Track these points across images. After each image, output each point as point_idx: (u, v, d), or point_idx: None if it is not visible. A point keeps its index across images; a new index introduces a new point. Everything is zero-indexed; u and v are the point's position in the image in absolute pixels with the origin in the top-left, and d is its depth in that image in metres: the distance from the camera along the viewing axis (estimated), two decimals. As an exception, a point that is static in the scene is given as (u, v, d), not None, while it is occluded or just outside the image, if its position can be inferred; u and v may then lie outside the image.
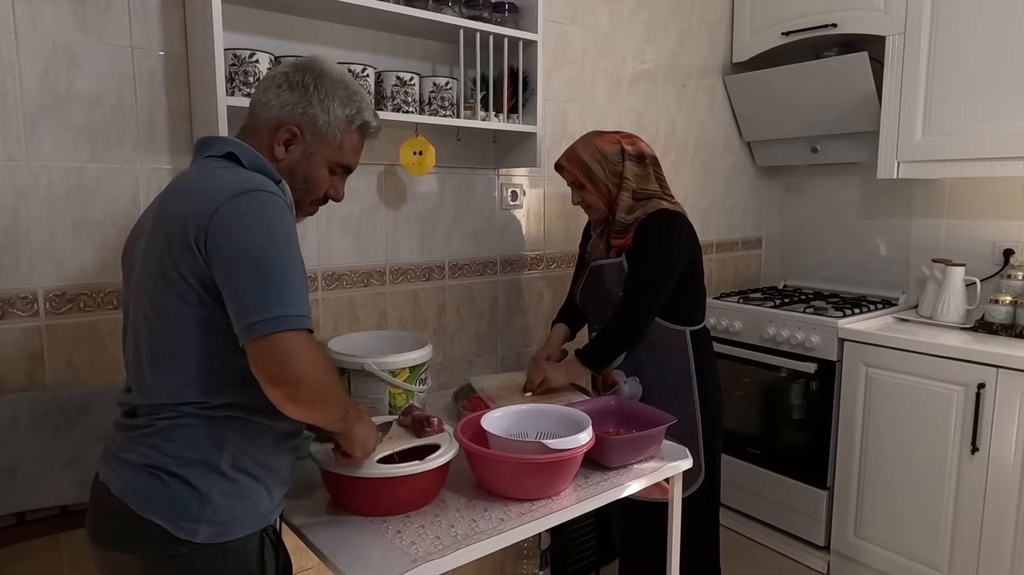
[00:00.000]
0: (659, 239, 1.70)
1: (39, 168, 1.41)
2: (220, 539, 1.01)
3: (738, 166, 2.98)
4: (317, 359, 0.96)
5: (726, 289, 2.93)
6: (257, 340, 0.93)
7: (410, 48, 1.88)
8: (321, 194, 1.18)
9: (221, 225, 0.95)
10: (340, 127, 1.13)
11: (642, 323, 1.72)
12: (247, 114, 1.15)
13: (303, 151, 1.12)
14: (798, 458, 2.45)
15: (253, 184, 1.00)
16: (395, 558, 1.09)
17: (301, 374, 0.93)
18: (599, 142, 1.74)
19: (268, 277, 0.94)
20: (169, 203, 1.04)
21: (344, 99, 1.13)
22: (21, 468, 1.36)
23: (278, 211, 0.99)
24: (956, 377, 2.02)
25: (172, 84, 1.53)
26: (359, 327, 1.90)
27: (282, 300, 0.93)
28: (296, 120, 1.10)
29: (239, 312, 0.94)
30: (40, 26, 1.38)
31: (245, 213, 0.96)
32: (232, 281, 0.95)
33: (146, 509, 0.99)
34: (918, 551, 2.15)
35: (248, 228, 0.96)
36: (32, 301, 1.42)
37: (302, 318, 0.95)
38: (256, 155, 1.08)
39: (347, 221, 1.85)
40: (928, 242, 2.60)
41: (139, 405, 1.04)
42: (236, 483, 1.03)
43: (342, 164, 1.17)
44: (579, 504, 1.31)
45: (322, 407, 1.00)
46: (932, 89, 2.23)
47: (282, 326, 0.93)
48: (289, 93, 1.10)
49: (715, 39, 2.78)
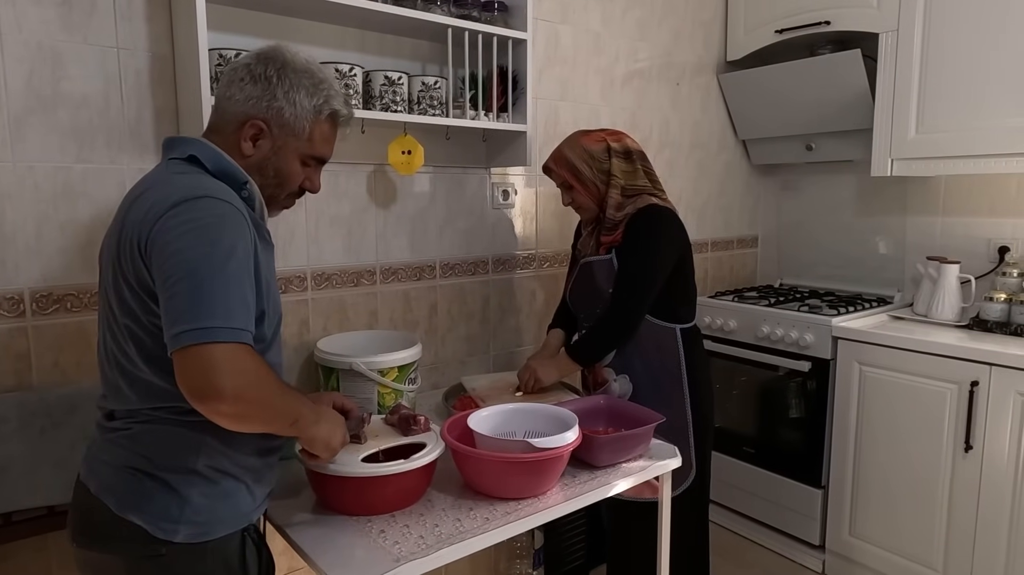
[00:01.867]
0: (648, 235, 1.69)
1: (25, 169, 1.41)
2: (200, 539, 1.01)
3: (733, 164, 2.98)
4: (246, 373, 0.91)
5: (722, 288, 2.92)
6: (180, 351, 0.89)
7: (399, 47, 1.88)
8: (295, 187, 1.14)
9: (160, 234, 0.93)
10: (308, 118, 1.09)
11: (632, 319, 1.71)
12: (212, 109, 1.12)
13: (271, 145, 1.08)
14: (793, 457, 2.44)
15: (201, 190, 0.97)
16: (378, 558, 1.09)
17: (222, 389, 0.89)
18: (585, 141, 1.73)
19: (199, 288, 0.90)
20: (124, 211, 1.02)
21: (310, 88, 1.08)
22: (8, 469, 1.36)
23: (222, 219, 0.95)
24: (950, 375, 2.02)
25: (158, 84, 1.53)
26: (349, 327, 1.89)
27: (211, 312, 0.90)
28: (261, 114, 1.06)
29: (166, 322, 0.91)
30: (25, 27, 1.38)
31: (185, 222, 0.93)
32: (164, 291, 0.92)
33: (125, 509, 0.99)
34: (913, 549, 2.14)
35: (184, 237, 0.93)
36: (18, 302, 1.42)
37: (233, 331, 0.91)
38: (220, 156, 1.05)
39: (337, 221, 1.85)
40: (923, 240, 2.59)
41: (115, 409, 1.04)
42: (216, 484, 1.02)
43: (314, 156, 1.13)
44: (566, 503, 1.30)
45: (254, 421, 0.97)
46: (925, 86, 2.22)
47: (204, 338, 0.89)
48: (252, 86, 1.06)
49: (709, 37, 2.78)
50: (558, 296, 2.35)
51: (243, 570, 1.07)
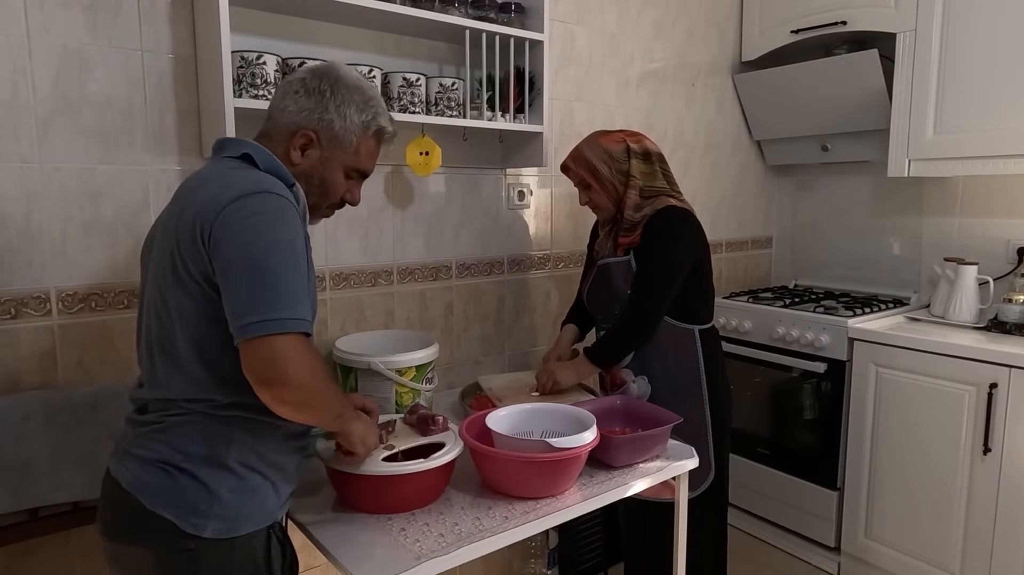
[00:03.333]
0: (667, 236, 1.68)
1: (51, 170, 1.43)
2: (228, 535, 1.02)
3: (748, 165, 2.97)
4: (307, 363, 0.96)
5: (736, 288, 2.92)
6: (249, 341, 0.93)
7: (416, 49, 1.89)
8: (337, 199, 1.19)
9: (225, 225, 0.96)
10: (356, 132, 1.14)
11: (651, 321, 1.70)
12: (265, 118, 1.17)
13: (319, 155, 1.13)
14: (808, 458, 2.43)
15: (262, 186, 1.01)
16: (399, 555, 1.10)
17: (290, 377, 0.94)
18: (604, 141, 1.73)
19: (264, 279, 0.94)
20: (182, 201, 1.05)
21: (360, 105, 1.14)
22: (34, 465, 1.38)
23: (283, 213, 1.00)
24: (968, 377, 2.00)
25: (181, 86, 1.55)
26: (367, 327, 1.91)
27: (277, 303, 0.94)
28: (313, 125, 1.12)
29: (234, 313, 0.95)
30: (52, 30, 1.40)
31: (249, 215, 0.97)
32: (229, 281, 0.96)
33: (156, 504, 1.00)
34: (929, 553, 2.13)
35: (250, 230, 0.96)
36: (45, 301, 1.44)
37: (296, 321, 0.95)
38: (271, 157, 1.09)
39: (354, 221, 1.86)
40: (940, 241, 2.57)
41: (150, 401, 1.06)
42: (244, 480, 1.04)
43: (358, 169, 1.18)
44: (584, 503, 1.31)
45: (312, 410, 1.01)
46: (943, 86, 2.21)
47: (274, 329, 0.93)
48: (306, 99, 1.12)
49: (724, 38, 2.77)
50: (573, 296, 2.36)
51: (268, 567, 1.08)
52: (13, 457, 1.36)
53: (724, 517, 1.89)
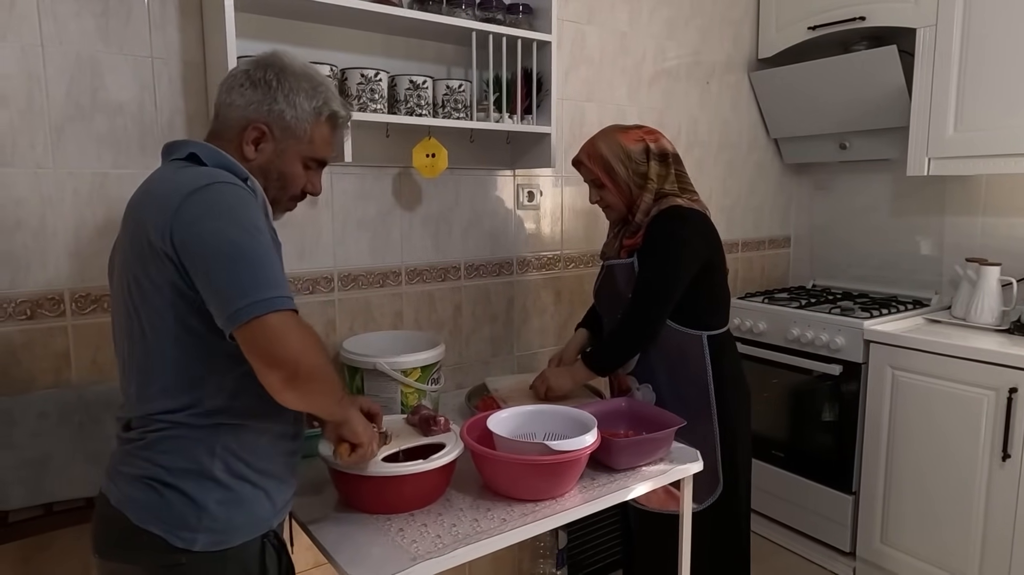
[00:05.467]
0: (667, 238, 1.61)
1: (65, 175, 1.47)
2: (219, 547, 1.01)
3: (764, 164, 2.93)
4: (309, 339, 0.95)
5: (752, 289, 2.88)
6: (245, 326, 0.91)
7: (423, 51, 1.90)
8: (298, 190, 1.16)
9: (185, 224, 0.94)
10: (309, 120, 1.10)
11: (650, 327, 1.63)
12: (212, 116, 1.13)
13: (274, 148, 1.10)
14: (823, 461, 2.40)
15: (211, 178, 0.98)
16: (395, 556, 1.11)
17: (298, 354, 0.92)
18: (623, 139, 1.65)
19: (241, 264, 0.92)
20: (133, 212, 1.03)
21: (309, 91, 1.10)
22: (49, 462, 1.42)
23: (239, 200, 0.97)
24: (988, 381, 1.95)
25: (190, 91, 1.58)
26: (375, 327, 1.92)
27: (261, 284, 0.92)
28: (263, 118, 1.08)
29: (221, 304, 0.92)
30: (65, 39, 1.44)
31: (208, 208, 0.95)
32: (208, 275, 0.93)
33: (144, 519, 0.99)
34: (947, 560, 2.08)
35: (212, 220, 0.94)
36: (59, 302, 1.48)
37: (285, 299, 0.93)
38: (219, 153, 1.06)
39: (363, 223, 1.88)
40: (962, 241, 2.51)
41: (132, 418, 1.04)
42: (232, 491, 1.02)
43: (315, 158, 1.15)
44: (584, 505, 1.31)
45: (320, 389, 0.98)
46: (964, 83, 2.16)
47: (267, 308, 0.91)
48: (252, 91, 1.08)
49: (739, 35, 2.74)
50: (582, 298, 2.36)
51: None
52: (29, 454, 1.40)
53: (742, 534, 1.77)
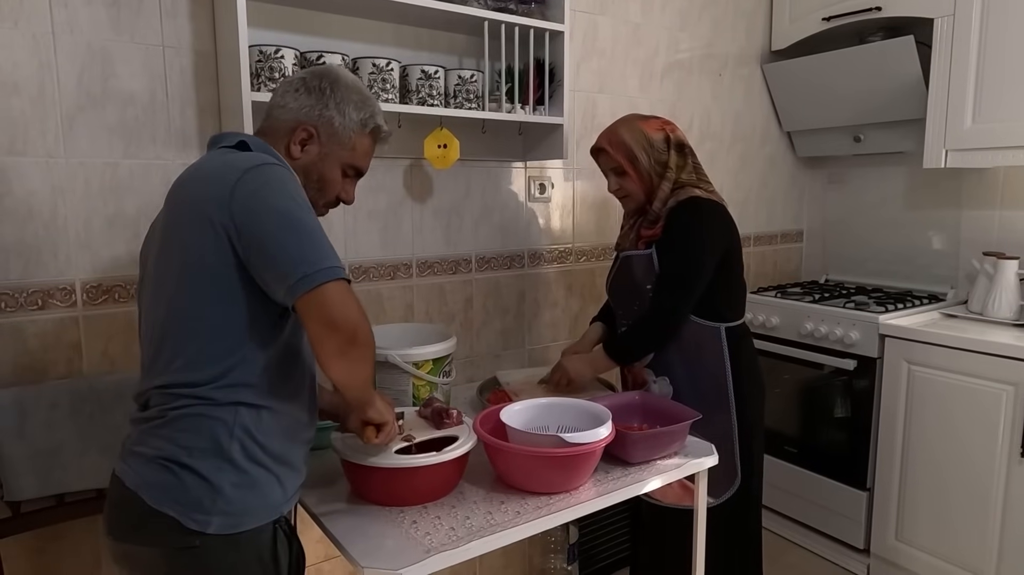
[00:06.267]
0: (690, 229, 1.60)
1: (76, 165, 1.46)
2: (232, 530, 1.02)
3: (777, 157, 2.90)
4: (359, 305, 1.01)
5: (764, 283, 2.85)
6: (312, 292, 0.96)
7: (435, 41, 1.89)
8: (333, 196, 1.21)
9: (245, 197, 0.99)
10: (354, 130, 1.17)
11: (673, 319, 1.63)
12: (264, 116, 1.19)
13: (319, 151, 1.16)
14: (837, 457, 2.37)
15: (261, 159, 1.04)
16: (408, 548, 1.10)
17: (357, 321, 0.99)
18: (645, 128, 1.64)
19: (304, 234, 0.98)
20: (182, 191, 1.06)
21: (358, 103, 1.17)
22: (60, 452, 1.42)
23: (291, 178, 1.05)
24: (1006, 376, 1.93)
25: (201, 81, 1.57)
26: (386, 320, 1.91)
27: (322, 254, 0.98)
28: (313, 121, 1.15)
29: (287, 270, 0.96)
30: (76, 27, 1.43)
31: (264, 183, 1.00)
32: (271, 244, 0.98)
33: (159, 501, 1.00)
34: (963, 557, 2.06)
35: (273, 195, 1.00)
36: (70, 292, 1.48)
37: (341, 268, 1.00)
38: (266, 146, 1.11)
39: (373, 214, 1.87)
40: (979, 234, 2.48)
41: (152, 395, 1.05)
42: (247, 474, 1.03)
43: (354, 166, 1.21)
44: (598, 499, 1.29)
45: (368, 357, 1.05)
46: (983, 73, 2.13)
47: (328, 276, 0.97)
48: (306, 96, 1.15)
49: (752, 27, 2.71)
50: (594, 291, 2.34)
51: (275, 562, 1.07)
52: (40, 445, 1.40)
53: (755, 530, 1.77)
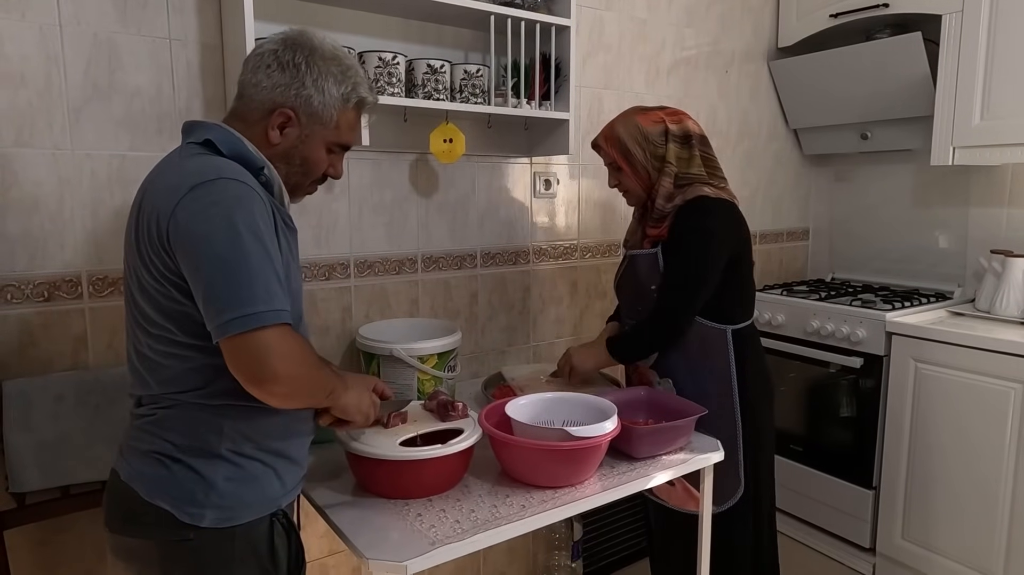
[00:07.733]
0: (697, 230, 1.55)
1: (83, 157, 1.46)
2: (226, 523, 1.01)
3: (783, 154, 2.89)
4: (294, 353, 0.94)
5: (770, 281, 2.84)
6: (231, 339, 0.90)
7: (441, 36, 1.88)
8: (320, 174, 1.14)
9: (182, 220, 0.92)
10: (336, 106, 1.08)
11: (678, 322, 1.59)
12: (236, 95, 1.10)
13: (299, 134, 1.07)
14: (843, 456, 2.36)
15: (216, 172, 0.96)
16: (413, 540, 1.10)
17: (277, 371, 0.91)
18: (641, 120, 1.60)
19: (233, 274, 0.90)
20: (143, 197, 1.02)
21: (338, 76, 1.07)
22: (66, 444, 1.42)
23: (241, 200, 0.94)
24: (1014, 374, 1.91)
25: (207, 74, 1.57)
26: (391, 314, 1.91)
27: (253, 296, 0.90)
28: (290, 102, 1.05)
29: (208, 312, 0.92)
30: (83, 19, 1.43)
31: (206, 206, 0.92)
32: (199, 278, 0.92)
33: (153, 494, 1.00)
34: (970, 556, 2.04)
35: (208, 222, 0.92)
36: (76, 284, 1.48)
37: (275, 312, 0.92)
38: (237, 142, 1.03)
39: (379, 209, 1.87)
40: (987, 232, 2.47)
41: (143, 395, 1.05)
42: (241, 468, 1.02)
43: (339, 143, 1.13)
44: (603, 493, 1.29)
45: (302, 398, 1.01)
46: (991, 70, 2.11)
47: (253, 324, 0.90)
48: (280, 73, 1.04)
49: (759, 23, 2.70)
50: (599, 288, 2.34)
51: (271, 555, 1.06)
52: (46, 436, 1.40)
53: (766, 535, 1.71)
